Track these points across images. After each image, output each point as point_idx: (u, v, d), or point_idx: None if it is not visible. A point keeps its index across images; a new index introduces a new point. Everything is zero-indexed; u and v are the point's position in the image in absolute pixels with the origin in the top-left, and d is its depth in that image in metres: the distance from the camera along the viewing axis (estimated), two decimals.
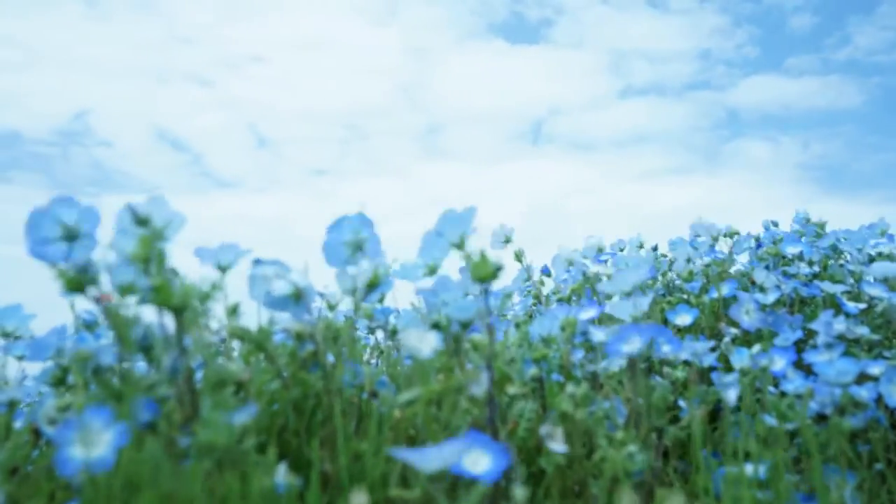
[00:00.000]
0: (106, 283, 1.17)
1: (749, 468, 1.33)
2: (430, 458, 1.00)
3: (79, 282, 1.14)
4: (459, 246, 1.38)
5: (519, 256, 2.94)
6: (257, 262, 1.38)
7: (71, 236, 1.19)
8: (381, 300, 1.92)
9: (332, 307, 2.07)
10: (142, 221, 1.19)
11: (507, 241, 2.84)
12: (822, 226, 3.08)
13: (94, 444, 1.00)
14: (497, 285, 1.32)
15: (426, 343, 1.33)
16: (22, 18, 12.53)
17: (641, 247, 3.21)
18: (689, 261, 2.76)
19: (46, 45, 12.60)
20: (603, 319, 2.03)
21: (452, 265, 1.47)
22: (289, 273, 1.36)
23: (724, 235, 2.86)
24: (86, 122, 12.68)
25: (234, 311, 1.40)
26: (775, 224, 3.12)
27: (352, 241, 1.41)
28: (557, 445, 1.31)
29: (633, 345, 1.45)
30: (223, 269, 1.52)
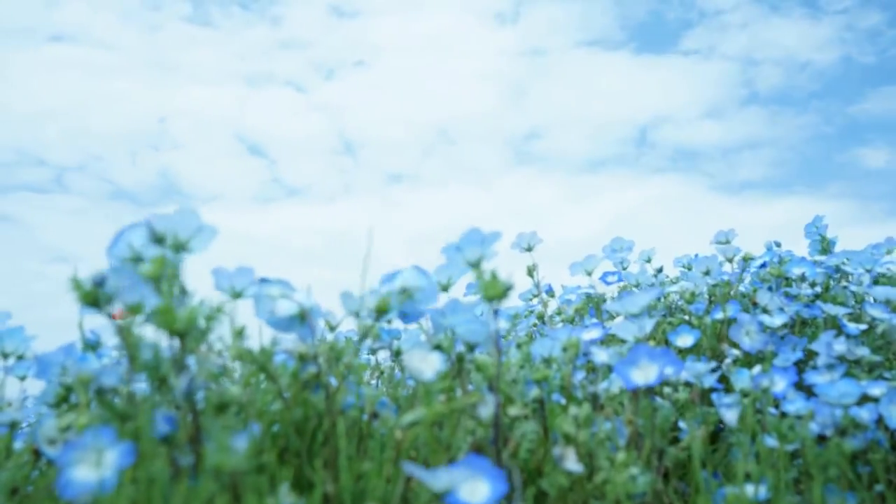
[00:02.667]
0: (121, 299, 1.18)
1: (749, 489, 1.33)
2: (438, 478, 1.01)
3: (94, 296, 1.15)
4: (476, 265, 1.40)
5: (531, 271, 2.94)
6: (263, 281, 1.39)
7: (138, 260, 1.22)
8: (389, 321, 1.92)
9: (333, 328, 2.08)
10: (158, 238, 1.20)
11: (529, 248, 2.85)
12: (827, 241, 3.07)
13: (97, 465, 1.00)
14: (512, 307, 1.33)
15: (428, 365, 1.34)
16: (124, 22, 12.52)
17: (649, 261, 3.20)
18: (706, 273, 2.75)
19: (143, 48, 12.54)
20: (607, 341, 2.04)
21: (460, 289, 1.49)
22: (293, 293, 1.37)
23: (743, 259, 2.85)
24: (165, 127, 12.67)
25: (239, 333, 1.40)
26: (778, 244, 3.11)
27: (400, 288, 1.44)
28: (572, 464, 1.31)
29: (646, 373, 1.44)
30: (237, 294, 1.52)
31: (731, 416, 1.62)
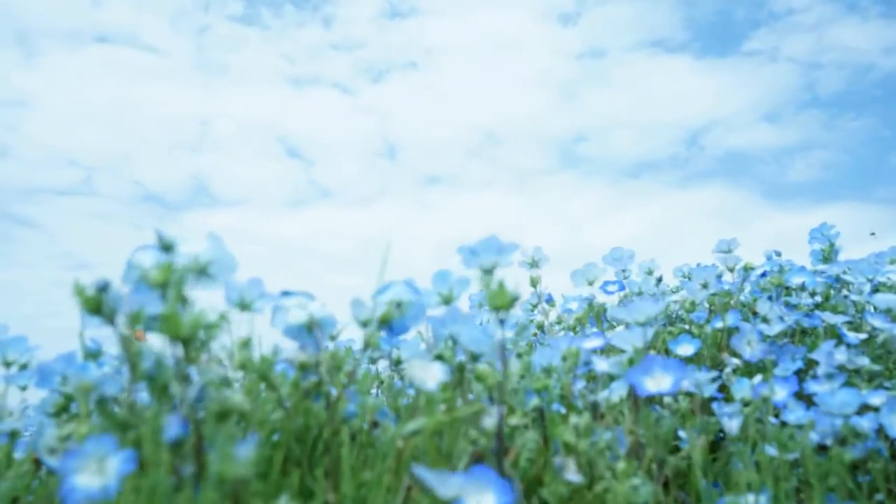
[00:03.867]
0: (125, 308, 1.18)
1: (750, 498, 1.33)
2: (447, 484, 1.02)
3: (97, 302, 1.15)
4: (488, 271, 1.40)
5: (534, 282, 2.94)
6: (285, 293, 1.40)
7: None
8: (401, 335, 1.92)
9: (333, 337, 2.08)
10: (166, 246, 1.20)
11: (534, 264, 2.85)
12: (829, 250, 3.07)
13: (99, 472, 1.00)
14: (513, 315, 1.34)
15: (430, 374, 1.34)
16: (171, 22, 12.43)
17: (650, 273, 3.21)
18: (704, 286, 2.75)
19: (189, 50, 12.40)
20: (607, 350, 2.04)
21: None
22: (310, 303, 1.38)
23: (744, 268, 2.85)
24: (206, 130, 12.55)
25: (245, 344, 1.41)
26: (778, 254, 3.12)
27: (392, 301, 1.43)
28: (572, 475, 1.31)
29: (660, 382, 1.44)
30: (246, 305, 1.52)
31: (732, 426, 1.62)
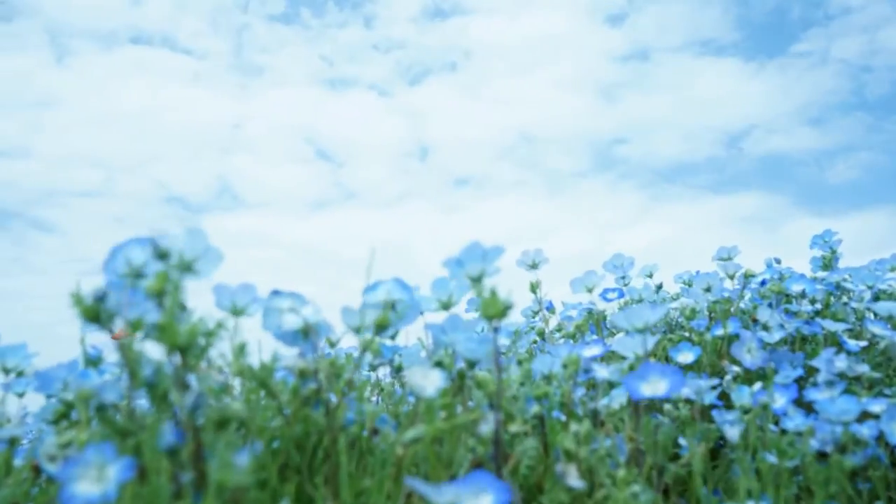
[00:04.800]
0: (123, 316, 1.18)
1: None
2: (442, 493, 1.01)
3: (95, 311, 1.15)
4: (477, 280, 1.40)
5: (534, 288, 2.94)
6: (274, 293, 1.39)
7: (138, 276, 1.21)
8: (394, 337, 1.92)
9: (333, 344, 2.08)
10: (162, 255, 1.20)
11: (534, 266, 2.85)
12: (829, 258, 3.07)
13: (99, 479, 1.00)
14: (513, 322, 1.33)
15: (430, 381, 1.34)
16: (209, 22, 12.31)
17: (651, 276, 3.20)
18: (707, 289, 2.75)
19: (226, 51, 12.24)
20: (607, 357, 2.04)
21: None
22: (303, 307, 1.37)
23: (744, 275, 2.84)
24: (237, 131, 12.43)
25: (241, 350, 1.40)
26: (778, 261, 3.12)
27: (383, 301, 1.43)
28: (574, 481, 1.31)
29: (656, 387, 1.44)
30: (238, 311, 1.52)
31: (733, 433, 1.62)
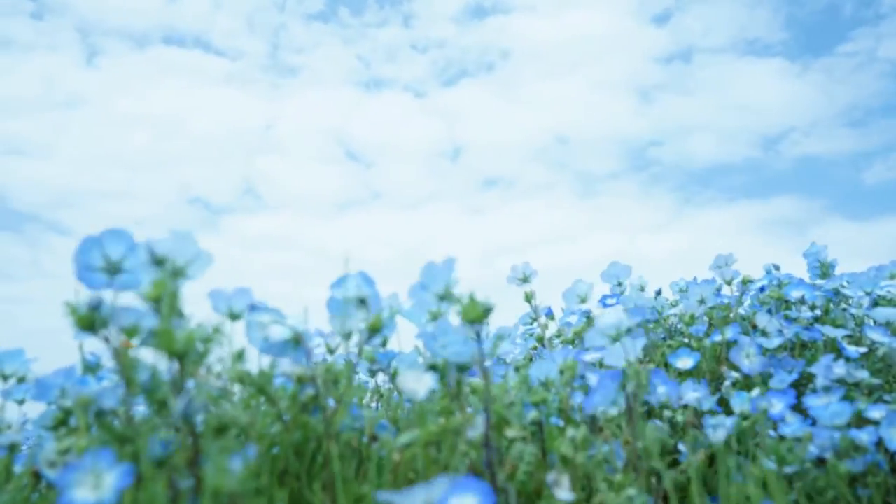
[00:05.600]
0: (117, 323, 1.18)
1: None
2: (413, 497, 1.00)
3: (90, 320, 1.15)
4: (445, 297, 1.41)
5: (529, 297, 2.94)
6: (253, 308, 1.39)
7: (113, 270, 1.21)
8: (384, 344, 1.92)
9: (331, 351, 2.08)
10: (158, 261, 1.21)
11: (525, 280, 2.85)
12: (827, 265, 3.07)
13: (96, 486, 1.00)
14: (504, 327, 1.33)
15: (422, 384, 1.34)
16: (246, 21, 12.15)
17: (643, 289, 3.21)
18: (701, 301, 2.74)
19: (261, 51, 12.02)
20: (603, 363, 2.03)
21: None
22: (285, 319, 1.38)
23: (742, 281, 2.84)
24: (267, 133, 12.27)
25: (239, 356, 1.41)
26: (777, 267, 3.12)
27: (355, 297, 1.43)
28: (564, 493, 1.31)
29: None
30: (234, 316, 1.52)
31: (717, 437, 1.61)
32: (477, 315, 1.27)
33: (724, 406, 1.91)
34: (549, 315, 3.15)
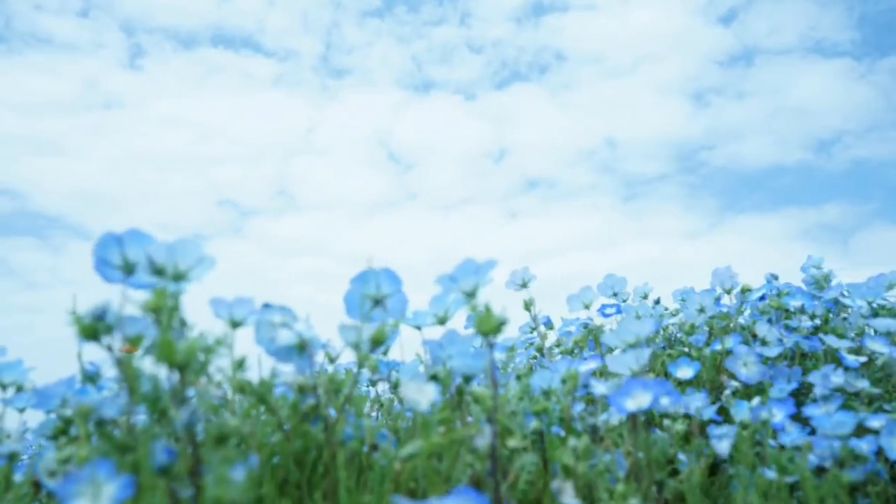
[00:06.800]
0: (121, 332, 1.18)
1: None
2: None
3: (94, 329, 1.15)
4: (471, 295, 1.40)
5: (528, 306, 2.93)
6: (266, 307, 1.38)
7: (129, 269, 1.22)
8: (386, 352, 1.91)
9: (332, 360, 2.08)
10: (158, 270, 1.21)
11: (524, 285, 2.85)
12: (825, 277, 3.07)
13: (97, 497, 1.00)
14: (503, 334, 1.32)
15: (425, 395, 1.34)
16: (300, 19, 11.90)
17: (646, 297, 3.21)
18: (701, 310, 2.75)
19: (312, 51, 11.74)
20: (605, 372, 2.03)
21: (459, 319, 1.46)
22: (295, 322, 1.37)
23: (741, 291, 2.84)
24: (309, 136, 11.99)
25: (240, 365, 1.40)
26: (776, 277, 3.12)
27: (373, 294, 1.41)
28: (569, 500, 1.31)
29: (639, 400, 1.43)
30: (235, 323, 1.51)
31: (722, 448, 1.62)
32: (491, 327, 1.27)
33: (724, 415, 1.91)
34: (548, 324, 3.15)
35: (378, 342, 1.39)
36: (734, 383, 2.16)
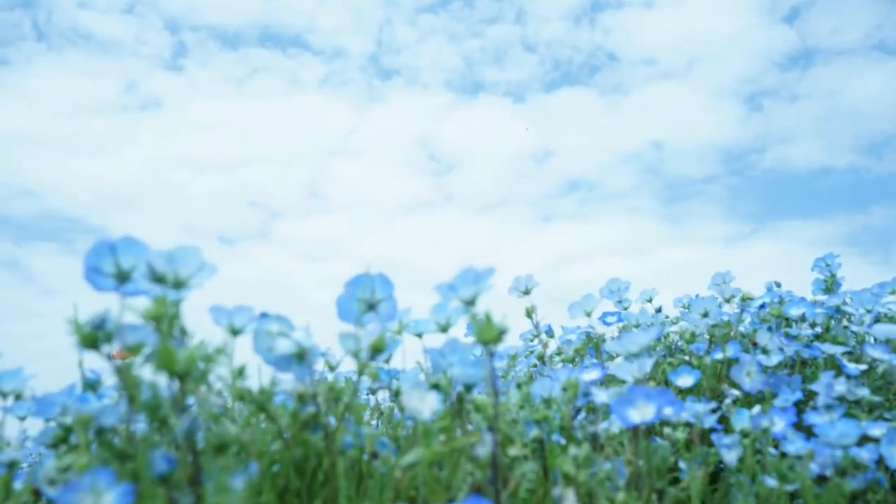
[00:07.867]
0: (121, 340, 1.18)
1: None
2: None
3: (93, 338, 1.15)
4: (471, 303, 1.39)
5: (529, 313, 2.93)
6: (263, 316, 1.38)
7: (122, 277, 1.21)
8: (387, 360, 1.91)
9: (332, 368, 2.08)
10: (159, 278, 1.21)
11: (526, 292, 2.84)
12: (831, 280, 3.07)
13: None
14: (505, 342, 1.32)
15: (426, 404, 1.34)
16: (352, 15, 11.63)
17: (650, 300, 3.20)
18: (705, 314, 2.74)
19: (361, 51, 11.46)
20: (606, 381, 2.03)
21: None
22: (293, 331, 1.37)
23: (742, 299, 2.83)
24: (352, 136, 11.74)
25: (240, 373, 1.40)
26: (778, 285, 3.11)
27: (366, 299, 1.41)
28: None
29: (643, 412, 1.43)
30: (235, 331, 1.51)
31: (731, 457, 1.62)
32: (492, 336, 1.26)
33: (725, 424, 1.91)
34: (549, 333, 3.15)
35: (378, 350, 1.39)
36: (735, 392, 2.15)
